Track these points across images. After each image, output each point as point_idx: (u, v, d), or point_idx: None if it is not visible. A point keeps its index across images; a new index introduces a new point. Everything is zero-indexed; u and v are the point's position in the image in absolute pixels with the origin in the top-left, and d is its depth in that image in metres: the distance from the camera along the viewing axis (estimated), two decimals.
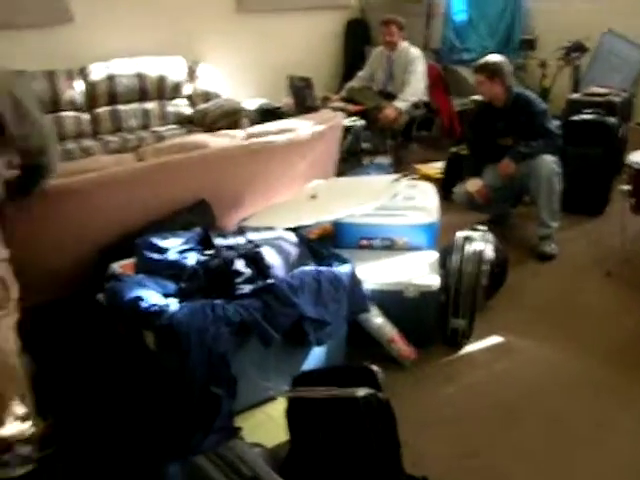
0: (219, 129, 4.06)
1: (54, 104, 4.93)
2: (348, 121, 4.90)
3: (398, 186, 3.26)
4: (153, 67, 5.28)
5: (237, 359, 2.39)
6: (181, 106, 5.40)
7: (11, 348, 2.30)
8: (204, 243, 2.76)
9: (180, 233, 2.78)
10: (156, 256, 2.61)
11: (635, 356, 2.92)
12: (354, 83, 5.39)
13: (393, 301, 2.90)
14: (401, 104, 4.92)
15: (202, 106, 5.33)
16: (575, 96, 4.74)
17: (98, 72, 5.10)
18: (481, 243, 3.05)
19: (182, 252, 2.68)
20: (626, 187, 3.46)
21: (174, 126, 5.26)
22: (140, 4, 5.36)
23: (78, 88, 5.04)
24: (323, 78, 5.92)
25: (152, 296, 2.40)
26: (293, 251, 2.75)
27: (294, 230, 2.95)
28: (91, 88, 5.08)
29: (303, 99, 4.91)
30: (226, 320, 2.35)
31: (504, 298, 3.40)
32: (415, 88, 5.01)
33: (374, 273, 2.97)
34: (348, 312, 2.73)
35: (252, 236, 2.77)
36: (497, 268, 3.28)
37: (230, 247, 2.68)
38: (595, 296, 3.47)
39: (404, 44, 5.16)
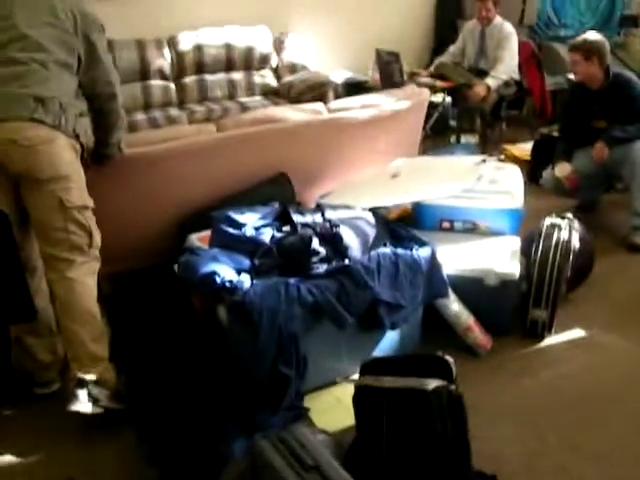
0: (304, 102, 4.03)
1: (143, 73, 5.01)
2: (436, 97, 4.79)
3: (483, 168, 3.13)
4: (240, 37, 5.27)
5: (309, 339, 2.39)
6: (267, 77, 5.38)
7: (89, 293, 2.37)
8: (281, 219, 2.74)
9: (257, 208, 2.76)
10: (233, 230, 2.60)
11: None
12: (444, 58, 5.22)
13: (472, 288, 2.80)
14: (492, 82, 4.73)
15: (288, 78, 5.30)
16: None
17: (186, 41, 5.14)
18: (568, 232, 2.91)
19: (258, 227, 2.67)
20: None
21: (259, 97, 5.26)
22: None
23: (167, 57, 5.10)
24: (413, 52, 5.77)
25: (226, 272, 2.41)
26: (371, 232, 2.70)
27: (373, 210, 2.90)
28: (179, 57, 5.13)
29: (390, 74, 4.79)
30: (299, 300, 2.34)
31: (588, 290, 3.23)
32: (507, 65, 4.81)
33: (454, 257, 2.88)
34: (425, 297, 2.68)
35: (330, 214, 2.73)
36: (582, 259, 3.13)
37: (307, 225, 2.65)
38: None
39: (498, 19, 4.95)
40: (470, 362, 2.74)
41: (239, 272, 2.47)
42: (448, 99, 4.75)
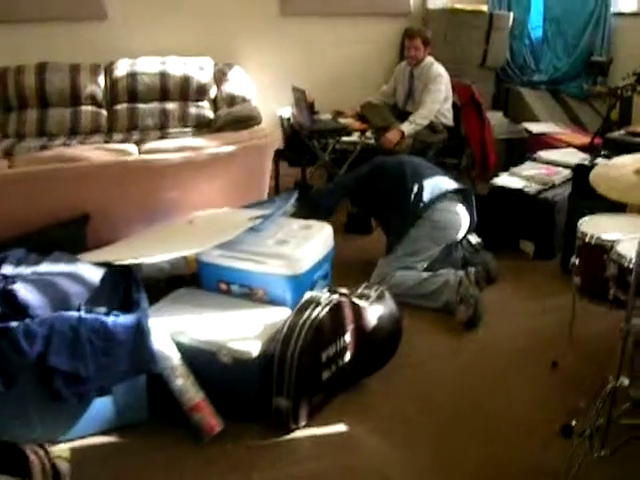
0: None
1: (74, 98, 4.97)
2: (354, 139, 4.47)
3: (254, 224, 2.79)
4: (179, 67, 5.11)
5: None
6: (204, 109, 5.19)
7: None
8: None
9: None
10: None
11: None
12: (373, 98, 4.83)
13: (206, 363, 2.48)
14: (407, 127, 4.30)
15: (221, 110, 5.09)
16: (614, 134, 3.83)
17: (122, 69, 5.05)
18: (327, 309, 2.50)
19: None
20: (575, 260, 2.69)
21: (190, 129, 5.05)
22: (179, 5, 5.26)
23: (100, 83, 5.04)
24: (374, 90, 5.37)
25: None
26: (77, 291, 2.43)
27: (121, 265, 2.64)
28: (112, 84, 5.05)
29: (300, 111, 4.50)
30: None
31: (394, 377, 2.79)
32: (429, 110, 4.35)
33: (199, 325, 2.56)
34: (130, 369, 2.38)
35: (43, 268, 2.50)
36: (379, 339, 2.72)
37: (6, 277, 2.43)
38: (516, 398, 2.69)
39: (428, 59, 4.51)
40: (186, 448, 2.41)
41: None
42: (366, 142, 4.38)
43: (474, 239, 3.60)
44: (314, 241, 2.86)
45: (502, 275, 3.65)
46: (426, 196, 3.42)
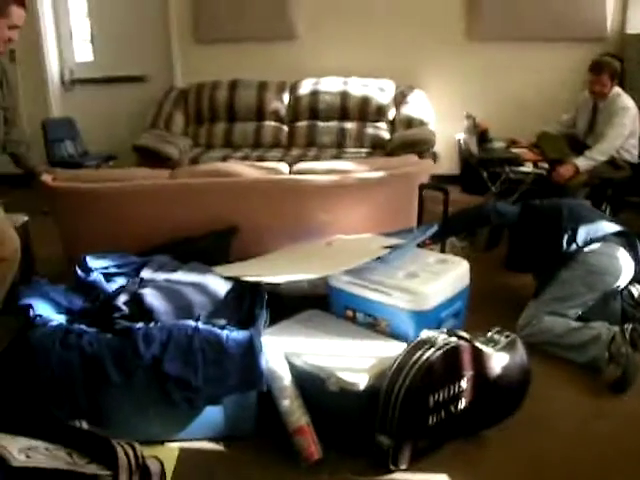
0: None
1: (259, 113, 5.28)
2: (526, 169, 4.25)
3: (381, 254, 2.74)
4: (360, 87, 5.24)
5: (112, 392, 2.40)
6: (381, 129, 5.23)
7: None
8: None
9: (124, 256, 2.82)
10: (79, 273, 2.70)
11: None
12: (550, 127, 4.54)
13: (314, 389, 2.48)
14: (582, 162, 3.99)
15: (398, 132, 5.10)
16: None
17: (305, 87, 5.28)
18: (440, 351, 2.39)
19: (113, 274, 2.73)
20: None
21: (366, 149, 5.12)
22: (366, 27, 5.39)
23: (284, 100, 5.29)
24: (554, 120, 5.03)
25: (43, 308, 2.53)
26: (202, 301, 2.56)
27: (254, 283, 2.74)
28: (295, 102, 5.28)
29: (471, 137, 4.36)
30: (79, 348, 2.36)
31: (515, 434, 2.57)
32: (610, 145, 4.01)
33: (315, 349, 2.58)
34: (238, 383, 2.46)
35: (176, 276, 2.66)
36: (504, 391, 2.54)
37: (143, 281, 2.63)
38: None
39: (615, 91, 4.15)
40: (284, 470, 2.42)
41: (69, 311, 2.58)
42: (537, 173, 4.14)
43: (636, 290, 3.24)
44: (446, 277, 2.76)
45: None
46: (582, 237, 3.15)
